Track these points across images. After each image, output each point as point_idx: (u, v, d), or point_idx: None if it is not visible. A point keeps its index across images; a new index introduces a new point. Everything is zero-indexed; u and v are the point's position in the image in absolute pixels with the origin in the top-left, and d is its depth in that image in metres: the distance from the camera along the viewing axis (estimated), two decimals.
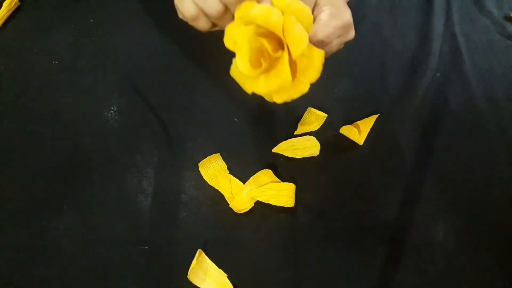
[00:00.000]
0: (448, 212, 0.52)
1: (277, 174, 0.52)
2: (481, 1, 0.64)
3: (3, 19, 0.58)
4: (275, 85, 0.35)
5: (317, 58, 0.34)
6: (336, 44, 0.38)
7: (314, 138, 0.53)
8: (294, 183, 0.52)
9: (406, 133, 0.56)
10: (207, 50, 0.58)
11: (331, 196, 0.52)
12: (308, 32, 0.33)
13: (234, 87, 0.57)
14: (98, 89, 0.56)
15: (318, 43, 0.36)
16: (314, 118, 0.54)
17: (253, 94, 0.58)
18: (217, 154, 0.52)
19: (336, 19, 0.37)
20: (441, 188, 0.53)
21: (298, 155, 0.53)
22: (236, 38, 0.35)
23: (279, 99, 0.37)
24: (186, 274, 0.47)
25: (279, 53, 0.34)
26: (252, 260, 0.49)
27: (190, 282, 0.47)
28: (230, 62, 0.45)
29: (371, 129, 0.55)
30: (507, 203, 0.53)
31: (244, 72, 0.35)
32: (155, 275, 0.48)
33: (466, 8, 0.64)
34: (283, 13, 0.33)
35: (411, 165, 0.54)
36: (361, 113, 0.56)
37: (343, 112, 0.56)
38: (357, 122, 0.55)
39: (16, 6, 0.59)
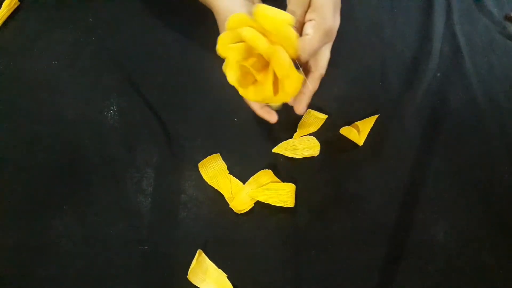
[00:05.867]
0: (449, 212, 0.52)
1: (277, 174, 0.52)
2: (481, 1, 0.64)
3: (3, 19, 0.58)
4: (260, 97, 0.41)
5: (297, 80, 0.39)
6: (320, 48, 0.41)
7: (314, 138, 0.53)
8: (294, 183, 0.51)
9: (406, 133, 0.55)
10: (207, 50, 0.58)
11: (331, 196, 0.52)
12: (293, 56, 0.37)
13: (234, 87, 0.57)
14: (98, 89, 0.56)
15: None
16: (314, 120, 0.54)
17: None
18: (217, 154, 0.52)
19: (319, 30, 0.39)
20: (442, 188, 0.53)
21: (298, 155, 0.53)
22: (227, 55, 0.39)
23: (260, 103, 0.43)
24: (186, 274, 0.47)
25: (263, 75, 0.39)
26: (252, 260, 0.49)
27: (190, 282, 0.47)
28: None
29: (371, 129, 0.55)
30: (508, 203, 0.53)
31: (233, 82, 0.40)
32: (155, 275, 0.48)
33: (466, 8, 0.63)
34: (270, 32, 0.37)
35: (411, 165, 0.54)
36: (361, 114, 0.55)
37: (343, 112, 0.56)
38: (356, 122, 0.55)
39: (15, 6, 0.59)
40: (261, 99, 0.41)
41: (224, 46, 0.39)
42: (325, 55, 0.42)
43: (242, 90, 0.41)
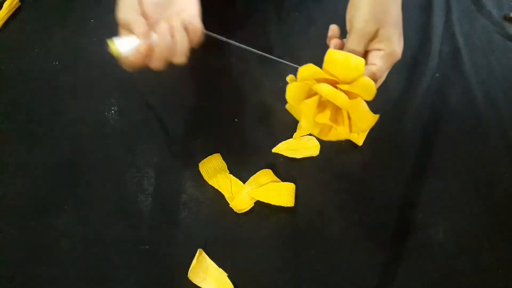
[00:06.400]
0: (449, 212, 0.52)
1: (277, 174, 0.52)
2: (480, 1, 0.64)
3: (4, 19, 0.58)
4: (335, 138, 0.41)
5: (373, 120, 0.39)
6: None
7: (314, 139, 0.54)
8: (294, 183, 0.52)
9: (406, 133, 0.56)
10: (207, 50, 0.58)
11: (331, 196, 0.52)
12: (369, 99, 0.37)
13: (234, 87, 0.57)
14: (98, 89, 0.56)
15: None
16: None
17: (253, 94, 0.58)
18: (217, 154, 0.52)
19: (388, 61, 0.38)
20: (441, 188, 0.53)
21: (298, 155, 0.53)
22: (301, 109, 0.40)
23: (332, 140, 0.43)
24: (187, 274, 0.47)
25: (339, 120, 0.39)
26: (252, 259, 0.49)
27: (191, 282, 0.47)
28: (230, 61, 0.45)
29: (371, 129, 0.54)
30: (508, 203, 0.53)
31: (308, 130, 0.41)
32: (155, 275, 0.48)
33: (465, 8, 0.64)
34: (344, 79, 0.36)
35: (411, 165, 0.54)
36: None
37: None
38: None
39: (16, 6, 0.59)
40: (335, 139, 0.42)
41: (296, 97, 0.39)
42: (381, 79, 0.41)
43: (315, 132, 0.41)
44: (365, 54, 0.39)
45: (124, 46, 0.39)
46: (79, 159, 0.52)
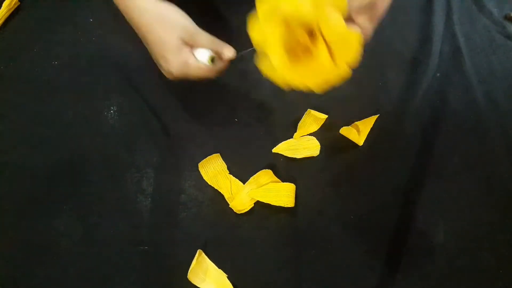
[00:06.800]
0: (449, 212, 0.52)
1: (277, 174, 0.52)
2: (481, 1, 0.64)
3: (3, 19, 0.58)
4: (314, 74, 0.34)
5: (355, 39, 0.33)
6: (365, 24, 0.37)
7: (314, 139, 0.54)
8: (294, 183, 0.52)
9: (406, 133, 0.56)
10: None
11: (331, 196, 0.52)
12: (342, 14, 0.31)
13: (234, 87, 0.57)
14: (98, 89, 0.56)
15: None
16: (313, 120, 0.54)
17: (253, 94, 0.58)
18: (217, 154, 0.52)
19: (372, 25, 0.37)
20: (442, 188, 0.53)
21: (298, 155, 0.53)
22: (266, 35, 0.33)
23: (319, 88, 0.35)
24: (186, 274, 0.47)
25: (315, 42, 0.33)
26: (252, 260, 0.49)
27: (190, 282, 0.47)
28: (230, 61, 0.45)
29: (371, 129, 0.55)
30: (508, 203, 0.53)
31: (280, 68, 0.34)
32: (155, 275, 0.48)
33: (466, 8, 0.64)
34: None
35: (411, 165, 0.54)
36: (361, 114, 0.55)
37: (343, 112, 0.56)
38: (356, 122, 0.55)
39: (16, 6, 0.59)
40: (319, 79, 0.34)
41: (259, 27, 0.33)
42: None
43: (293, 75, 0.34)
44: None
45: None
46: (79, 159, 0.52)
